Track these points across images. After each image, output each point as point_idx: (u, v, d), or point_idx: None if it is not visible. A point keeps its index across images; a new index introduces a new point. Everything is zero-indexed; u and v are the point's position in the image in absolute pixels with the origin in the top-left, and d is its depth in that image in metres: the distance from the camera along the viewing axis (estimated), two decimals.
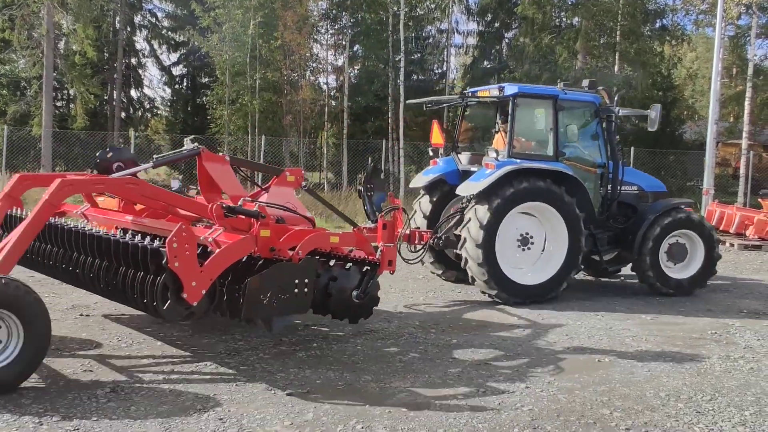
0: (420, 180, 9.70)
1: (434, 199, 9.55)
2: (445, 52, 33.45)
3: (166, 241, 4.89)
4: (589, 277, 10.45)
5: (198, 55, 31.73)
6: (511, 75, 25.75)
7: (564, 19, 26.43)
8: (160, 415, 4.40)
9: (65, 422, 4.25)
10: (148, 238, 5.23)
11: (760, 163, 29.79)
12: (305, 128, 31.21)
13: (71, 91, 30.47)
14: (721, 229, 15.18)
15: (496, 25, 31.95)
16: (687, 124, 30.67)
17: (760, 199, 16.84)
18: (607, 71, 24.93)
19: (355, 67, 31.87)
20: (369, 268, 6.09)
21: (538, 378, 5.46)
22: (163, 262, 4.89)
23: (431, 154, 9.95)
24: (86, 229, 5.72)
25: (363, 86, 30.06)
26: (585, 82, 9.63)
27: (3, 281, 4.53)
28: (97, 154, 6.49)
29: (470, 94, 9.77)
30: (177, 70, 36.12)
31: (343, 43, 29.90)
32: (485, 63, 33.01)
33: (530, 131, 9.39)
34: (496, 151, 8.78)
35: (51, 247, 6.11)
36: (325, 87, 31.61)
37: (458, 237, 8.65)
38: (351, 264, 6.17)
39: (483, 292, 8.63)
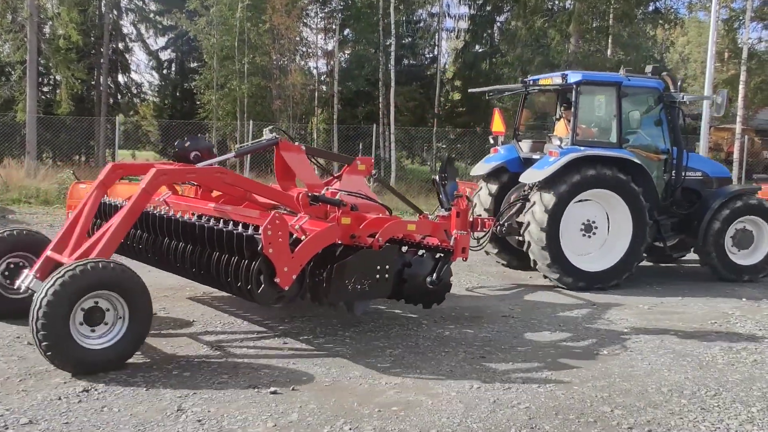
0: (481, 168, 9.75)
1: (496, 187, 9.61)
2: (437, 36, 33.05)
3: (261, 228, 5.11)
4: None
5: (186, 39, 31.23)
6: (503, 59, 25.43)
7: (556, 2, 26.08)
8: (135, 416, 4.13)
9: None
10: (231, 225, 5.50)
11: (753, 147, 29.66)
12: (296, 113, 30.85)
13: (57, 77, 29.90)
14: None
15: (488, 8, 31.50)
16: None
17: (754, 183, 16.65)
18: (600, 55, 24.63)
19: (346, 52, 31.45)
20: (442, 255, 6.27)
21: (534, 372, 5.22)
22: (259, 248, 5.12)
23: (492, 142, 10.04)
24: (180, 216, 5.92)
25: (353, 71, 29.65)
26: (648, 68, 9.60)
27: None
28: (176, 144, 6.68)
29: (532, 82, 9.77)
30: (165, 55, 35.61)
31: (333, 26, 29.45)
32: (477, 47, 32.61)
33: (593, 118, 9.47)
34: (560, 139, 8.91)
35: (142, 232, 6.29)
36: (315, 72, 31.22)
37: (520, 224, 8.73)
38: (424, 251, 6.32)
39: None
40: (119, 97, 33.93)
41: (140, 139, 33.53)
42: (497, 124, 9.97)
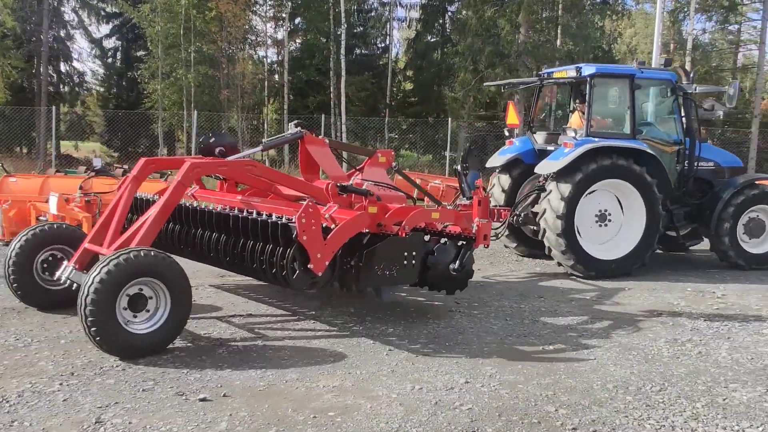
0: (496, 160, 9.94)
1: (511, 178, 9.86)
2: (388, 26, 32.84)
3: (296, 217, 5.35)
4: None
5: (131, 27, 30.26)
6: (454, 48, 25.32)
7: None
8: (48, 431, 3.82)
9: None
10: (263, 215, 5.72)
11: (698, 136, 30.10)
12: (247, 104, 30.27)
13: None
14: None
15: None
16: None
17: None
18: (549, 45, 24.74)
19: (297, 41, 30.96)
20: (465, 242, 6.47)
21: (478, 371, 5.05)
22: (293, 235, 5.35)
23: (507, 134, 10.29)
24: (214, 208, 6.15)
25: (304, 60, 29.23)
26: (661, 61, 9.75)
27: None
28: (201, 140, 6.86)
29: (546, 75, 9.93)
30: (110, 43, 34.51)
31: (283, 15, 28.92)
32: (429, 37, 32.49)
33: (607, 110, 9.63)
34: (575, 130, 9.08)
35: (174, 225, 6.53)
36: (265, 61, 30.64)
37: (536, 214, 8.96)
38: (446, 239, 6.50)
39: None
40: (61, 86, 32.77)
41: (84, 130, 32.46)
42: (512, 117, 10.24)
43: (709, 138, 20.55)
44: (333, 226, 5.67)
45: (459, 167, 7.37)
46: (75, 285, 5.47)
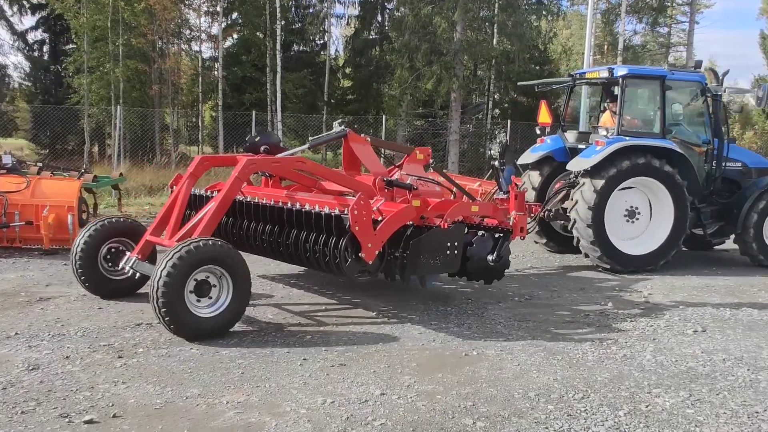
0: (528, 157, 10.24)
1: (541, 175, 10.12)
2: (326, 22, 32.39)
3: (349, 208, 5.77)
4: None
5: (57, 18, 28.92)
6: (391, 46, 25.11)
7: None
8: None
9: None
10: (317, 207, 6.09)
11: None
12: (186, 100, 29.37)
13: None
14: None
15: None
16: (561, 99, 31.22)
17: None
18: (486, 44, 24.79)
19: (233, 36, 30.21)
20: (502, 234, 6.93)
21: (396, 380, 4.78)
22: (347, 226, 5.77)
23: (538, 132, 10.45)
24: (267, 201, 6.55)
25: (240, 56, 28.53)
26: (691, 63, 10.06)
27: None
28: (246, 139, 7.22)
29: (579, 75, 10.28)
30: (36, 35, 32.94)
31: (218, 9, 28.16)
32: (367, 34, 32.19)
33: (638, 110, 9.93)
34: (606, 129, 9.43)
35: (228, 218, 6.89)
36: (199, 56, 29.78)
37: (565, 210, 9.27)
38: (484, 231, 6.93)
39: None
40: None
41: (6, 126, 30.91)
42: (544, 116, 10.40)
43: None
44: (380, 218, 6.08)
45: (496, 163, 7.64)
46: (138, 274, 6.21)
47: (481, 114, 29.41)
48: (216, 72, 27.47)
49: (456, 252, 6.47)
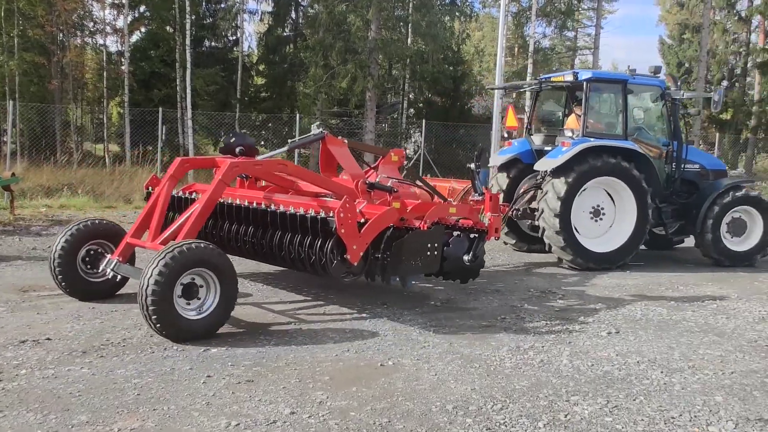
0: (496, 159, 10.66)
1: (509, 177, 10.46)
2: (239, 18, 31.57)
3: (335, 211, 5.85)
4: None
5: None
6: (305, 43, 24.70)
7: None
8: None
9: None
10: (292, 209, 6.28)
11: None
12: (92, 96, 27.91)
13: None
14: None
15: None
16: (475, 99, 31.70)
17: None
18: (400, 43, 24.75)
19: (141, 30, 28.97)
20: (477, 235, 7.11)
21: (307, 397, 4.49)
22: (332, 228, 5.85)
23: (506, 136, 11.06)
24: (251, 204, 6.63)
25: (148, 50, 27.39)
26: (651, 68, 10.25)
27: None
28: (222, 140, 6.69)
29: (545, 79, 10.66)
30: None
31: (123, 1, 26.92)
32: (280, 30, 31.60)
33: (602, 113, 10.34)
34: (572, 131, 9.78)
35: (209, 220, 6.81)
36: (103, 50, 28.41)
37: (533, 210, 9.71)
38: (459, 232, 7.09)
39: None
40: None
41: None
42: (510, 120, 11.04)
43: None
44: (362, 220, 6.18)
45: (473, 165, 7.88)
46: (119, 276, 6.27)
47: (397, 113, 29.43)
48: (122, 67, 26.27)
49: (436, 253, 6.60)
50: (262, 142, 29.42)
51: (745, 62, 34.02)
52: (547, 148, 10.01)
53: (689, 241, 11.13)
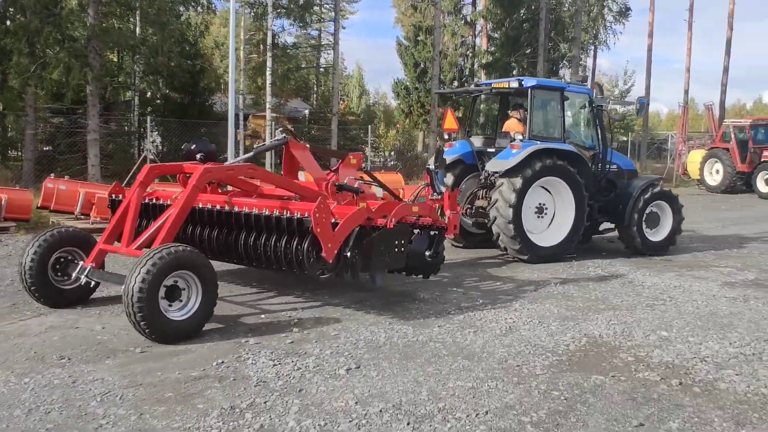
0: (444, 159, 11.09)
1: (454, 176, 11.00)
2: None
3: (310, 212, 6.16)
4: None
5: None
6: (4, 27, 20.99)
7: None
8: None
9: None
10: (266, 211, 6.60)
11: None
12: None
13: None
14: None
15: None
16: (217, 95, 29.90)
17: None
18: (128, 32, 22.20)
19: None
20: (437, 232, 7.59)
21: None
22: (309, 228, 6.18)
23: (446, 137, 11.74)
24: (222, 208, 6.94)
25: None
26: (578, 77, 9.63)
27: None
28: (182, 147, 8.01)
29: (486, 85, 11.56)
30: None
31: None
32: None
33: (543, 117, 10.91)
34: (520, 134, 10.44)
35: (185, 225, 6.98)
36: None
37: (479, 208, 10.56)
38: (420, 229, 7.53)
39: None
40: None
41: None
42: (450, 122, 11.42)
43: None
44: (333, 220, 6.33)
45: (432, 166, 8.25)
46: (92, 282, 6.62)
47: (130, 110, 26.64)
48: None
49: (403, 249, 6.94)
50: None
51: (472, 63, 36.36)
52: (490, 150, 10.93)
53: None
